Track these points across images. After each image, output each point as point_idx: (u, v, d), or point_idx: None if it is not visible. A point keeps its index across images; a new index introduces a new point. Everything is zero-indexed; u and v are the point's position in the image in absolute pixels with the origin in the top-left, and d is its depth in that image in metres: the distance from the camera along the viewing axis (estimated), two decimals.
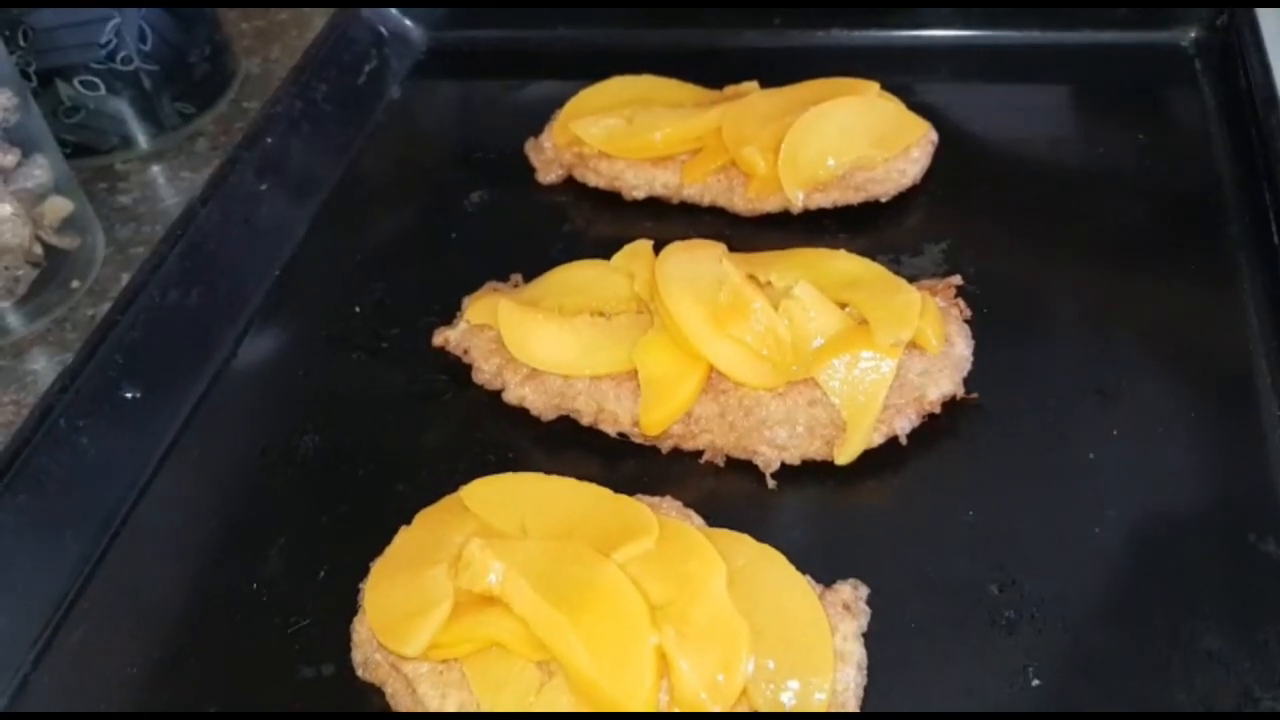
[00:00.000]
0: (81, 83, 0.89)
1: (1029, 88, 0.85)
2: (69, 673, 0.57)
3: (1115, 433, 0.61)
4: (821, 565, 0.54)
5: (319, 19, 1.05)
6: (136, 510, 0.64)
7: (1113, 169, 0.77)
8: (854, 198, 0.75)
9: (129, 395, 0.66)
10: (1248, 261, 0.69)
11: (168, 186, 0.91)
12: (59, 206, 0.81)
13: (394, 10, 0.94)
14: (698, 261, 0.65)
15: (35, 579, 0.59)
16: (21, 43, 0.86)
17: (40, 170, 0.80)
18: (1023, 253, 0.72)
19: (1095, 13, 0.86)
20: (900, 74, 0.82)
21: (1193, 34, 0.85)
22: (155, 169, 0.93)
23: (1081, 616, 0.54)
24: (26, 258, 0.78)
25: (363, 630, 0.54)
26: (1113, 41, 0.86)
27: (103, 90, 0.90)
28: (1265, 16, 0.81)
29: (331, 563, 0.59)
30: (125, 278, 0.82)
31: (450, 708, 0.50)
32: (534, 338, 0.65)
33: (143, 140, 0.93)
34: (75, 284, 0.81)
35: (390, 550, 0.56)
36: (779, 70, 0.80)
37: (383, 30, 0.93)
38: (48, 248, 0.80)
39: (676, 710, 0.48)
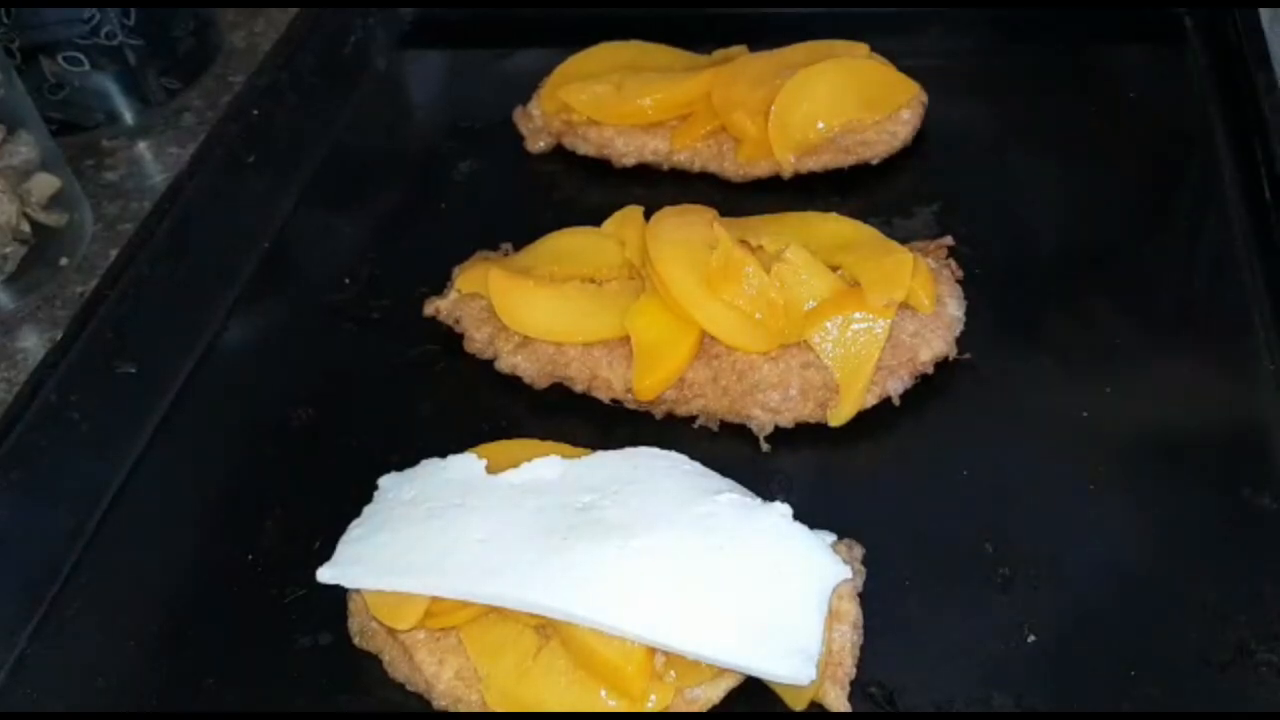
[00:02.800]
0: (66, 59, 0.88)
1: (1018, 47, 0.85)
2: (66, 647, 0.57)
3: (1108, 390, 0.61)
4: (816, 527, 0.53)
5: None
6: (130, 484, 0.64)
7: (1103, 127, 0.77)
8: (844, 160, 0.74)
9: (120, 370, 0.65)
10: (1239, 217, 0.69)
11: (154, 162, 0.90)
12: (45, 183, 0.80)
13: None
14: (689, 226, 0.65)
15: (30, 555, 0.59)
16: (4, 19, 0.85)
17: (26, 147, 0.79)
18: (1013, 213, 0.72)
19: None
20: (890, 35, 0.81)
21: None
22: (141, 145, 0.92)
23: (1076, 573, 0.54)
24: (14, 235, 0.78)
25: (359, 599, 0.54)
26: None
27: (87, 66, 0.89)
28: None
29: (326, 533, 0.58)
30: (113, 254, 0.81)
31: (447, 674, 0.50)
32: (525, 306, 0.64)
33: (128, 116, 0.92)
34: (63, 261, 0.81)
35: None
36: (768, 33, 0.80)
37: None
38: (35, 225, 0.79)
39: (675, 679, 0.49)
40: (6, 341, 0.76)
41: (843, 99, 0.74)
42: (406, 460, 0.60)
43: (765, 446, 0.60)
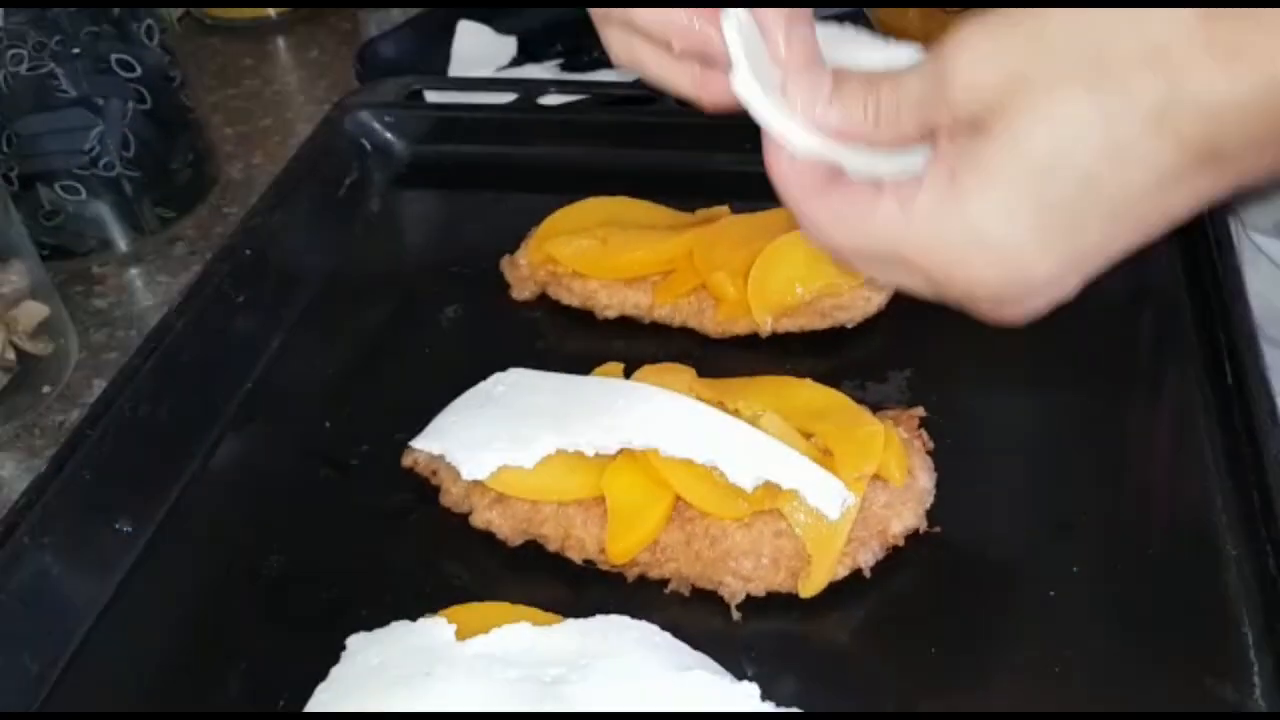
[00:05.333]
0: (63, 187, 0.90)
1: None
2: None
3: (1075, 570, 0.62)
4: (785, 698, 0.54)
5: (302, 125, 1.07)
6: (97, 629, 0.63)
7: (1076, 299, 0.79)
8: (821, 323, 0.76)
9: (97, 514, 0.65)
10: (1205, 396, 0.70)
11: (144, 290, 0.92)
12: (33, 311, 0.81)
13: (377, 124, 0.95)
14: (668, 387, 0.66)
15: None
16: (4, 148, 0.87)
17: (16, 276, 0.81)
18: (984, 381, 0.74)
19: None
20: None
21: None
22: (133, 271, 0.93)
23: None
24: None
25: None
26: None
27: (84, 195, 0.91)
28: None
29: (293, 688, 0.58)
30: (98, 383, 0.83)
31: None
32: None
33: (121, 243, 0.94)
34: (46, 389, 0.82)
35: None
36: (750, 194, 0.81)
37: (365, 143, 0.95)
38: (20, 353, 0.80)
39: None
40: None
41: (820, 264, 0.75)
42: (376, 615, 0.60)
43: (736, 615, 0.61)
